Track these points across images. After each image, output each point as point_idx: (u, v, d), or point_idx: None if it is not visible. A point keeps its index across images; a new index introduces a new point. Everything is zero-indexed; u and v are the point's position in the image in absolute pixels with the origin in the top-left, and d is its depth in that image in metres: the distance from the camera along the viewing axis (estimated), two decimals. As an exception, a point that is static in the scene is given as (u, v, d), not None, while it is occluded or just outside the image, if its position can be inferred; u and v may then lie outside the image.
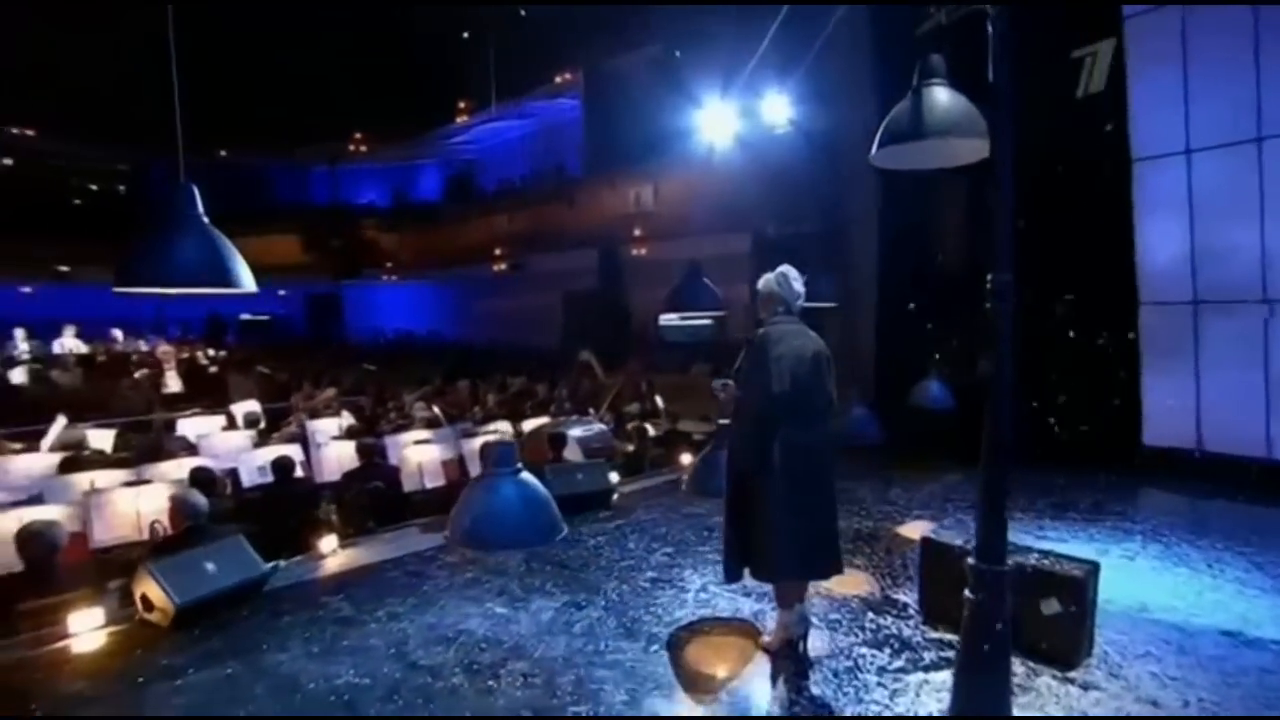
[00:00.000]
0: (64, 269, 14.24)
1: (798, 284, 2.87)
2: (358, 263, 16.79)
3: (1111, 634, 2.99)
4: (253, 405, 7.85)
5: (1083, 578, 2.67)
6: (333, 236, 16.63)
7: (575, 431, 6.30)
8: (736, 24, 8.96)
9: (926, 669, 2.73)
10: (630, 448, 6.67)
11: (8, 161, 15.14)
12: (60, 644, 2.99)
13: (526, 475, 2.42)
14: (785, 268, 2.89)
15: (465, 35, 12.39)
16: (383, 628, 3.15)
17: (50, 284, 13.98)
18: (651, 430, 7.47)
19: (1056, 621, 2.73)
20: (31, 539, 3.33)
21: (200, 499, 3.95)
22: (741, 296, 10.20)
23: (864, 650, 2.90)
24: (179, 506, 3.84)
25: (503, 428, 7.08)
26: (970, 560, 2.15)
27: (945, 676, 2.57)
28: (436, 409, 8.16)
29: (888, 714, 2.44)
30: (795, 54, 8.35)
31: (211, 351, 13.73)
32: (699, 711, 2.49)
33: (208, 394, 9.66)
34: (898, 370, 7.29)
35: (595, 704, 2.51)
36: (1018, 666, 2.66)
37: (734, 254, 9.87)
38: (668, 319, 11.68)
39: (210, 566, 3.36)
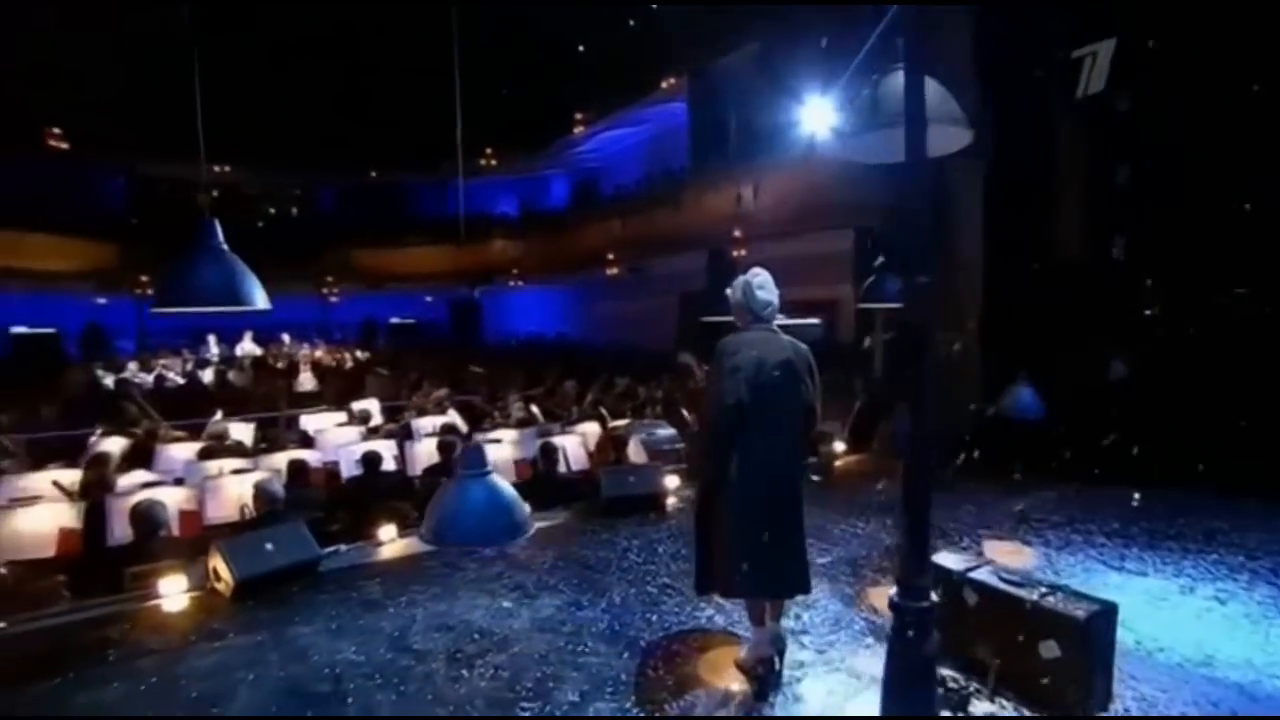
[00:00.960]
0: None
1: (763, 292, 2.78)
2: (489, 270, 17.99)
3: (1149, 686, 2.62)
4: (370, 403, 8.68)
5: (1083, 621, 2.35)
6: (468, 246, 17.95)
7: (640, 434, 6.39)
8: (835, 15, 8.62)
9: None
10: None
11: (214, 194, 17.89)
12: (149, 603, 3.56)
13: (495, 478, 2.54)
14: (749, 275, 2.82)
15: (580, 49, 12.84)
16: (398, 613, 3.43)
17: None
18: None
19: (1059, 664, 2.43)
20: (139, 516, 3.99)
21: (277, 488, 4.52)
22: (847, 296, 9.80)
23: (833, 673, 2.75)
24: (259, 493, 4.41)
25: (589, 429, 7.31)
26: (895, 597, 1.98)
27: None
28: (535, 409, 8.59)
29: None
30: (893, 42, 7.93)
31: (360, 353, 15.32)
32: (639, 714, 2.50)
33: (349, 392, 10.82)
34: (1006, 376, 6.68)
35: (545, 701, 2.60)
36: (1012, 710, 2.43)
37: (837, 252, 9.49)
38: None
39: (269, 547, 3.84)
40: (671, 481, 5.46)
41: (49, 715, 2.62)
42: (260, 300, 2.99)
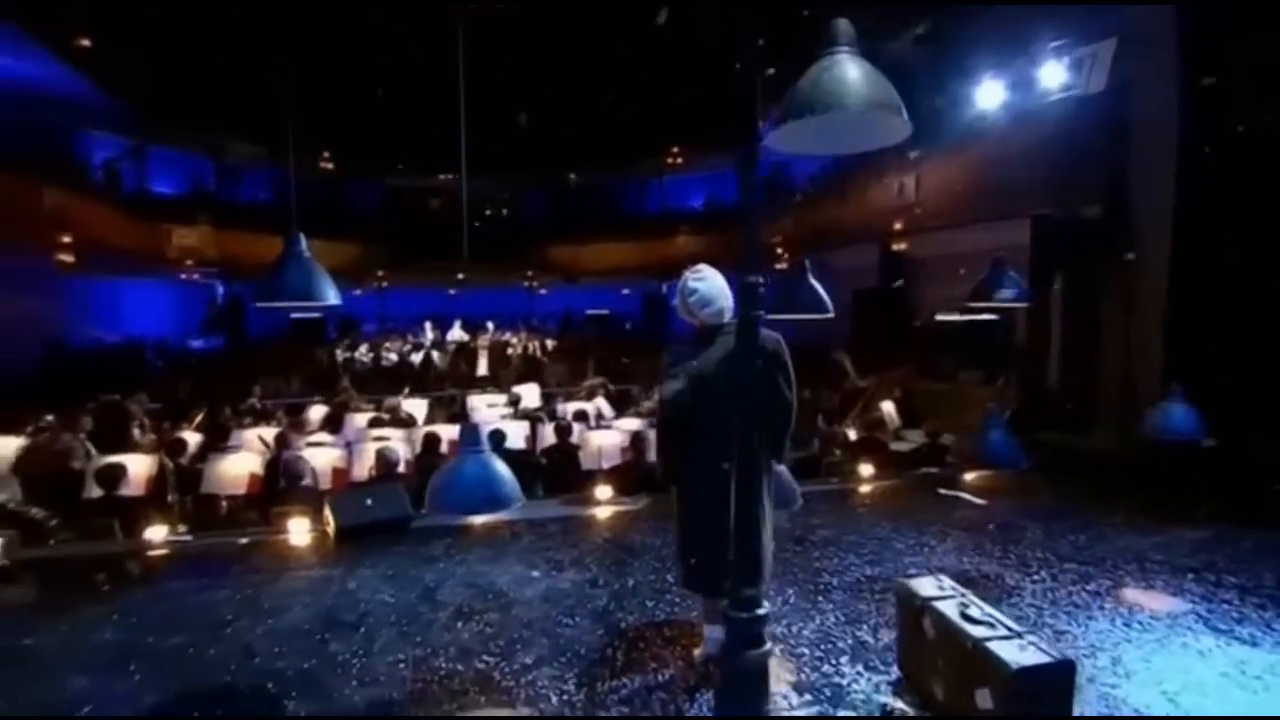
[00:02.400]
0: (460, 276, 19.01)
1: (695, 296, 2.74)
2: (673, 264, 18.57)
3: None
4: (529, 387, 9.60)
5: (1012, 672, 2.07)
6: (655, 241, 18.71)
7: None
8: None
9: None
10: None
11: (435, 202, 20.69)
12: (277, 536, 4.49)
13: (487, 455, 2.87)
14: (688, 274, 2.80)
15: (760, 43, 12.75)
16: (445, 569, 3.94)
17: (450, 288, 18.76)
18: (852, 435, 7.07)
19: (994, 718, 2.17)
20: (286, 468, 5.00)
21: (396, 454, 5.34)
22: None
23: (778, 689, 2.68)
24: (380, 458, 5.26)
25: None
26: (726, 608, 1.95)
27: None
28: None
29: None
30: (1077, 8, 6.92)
31: (550, 341, 16.80)
32: (569, 686, 2.68)
33: (525, 376, 12.00)
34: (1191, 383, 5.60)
35: (503, 659, 2.89)
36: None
37: (1009, 244, 8.47)
38: (944, 318, 10.53)
39: (369, 503, 4.60)
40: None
41: (192, 601, 3.49)
42: (332, 297, 3.63)
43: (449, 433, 6.78)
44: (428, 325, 16.79)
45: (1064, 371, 7.70)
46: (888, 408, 7.59)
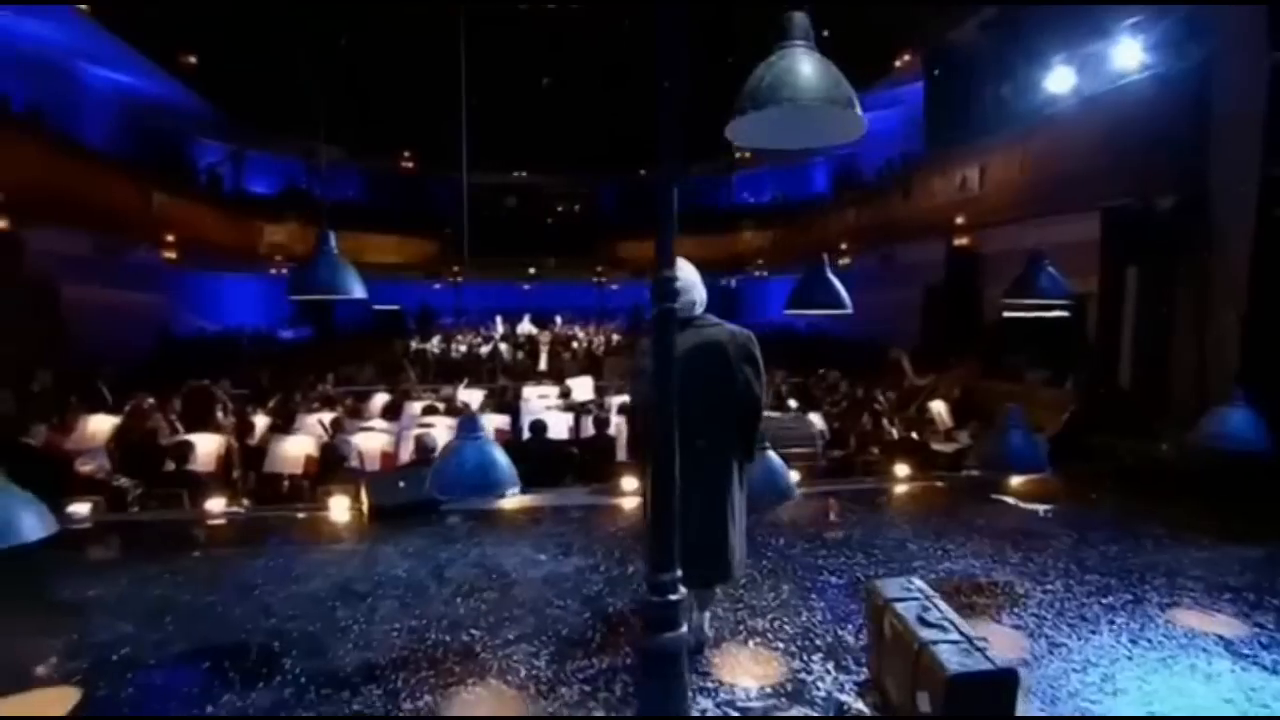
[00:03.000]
0: (532, 271, 19.58)
1: (695, 276, 2.80)
2: (738, 259, 18.45)
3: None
4: (581, 380, 9.82)
5: (948, 678, 2.03)
6: (722, 237, 18.63)
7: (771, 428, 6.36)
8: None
9: None
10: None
11: (512, 200, 21.34)
12: (318, 513, 4.86)
13: (484, 441, 3.03)
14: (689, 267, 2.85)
15: (825, 34, 12.49)
16: (462, 549, 4.16)
17: (523, 283, 19.36)
18: (895, 434, 6.90)
19: (935, 720, 2.14)
20: (328, 451, 5.39)
21: (432, 440, 5.63)
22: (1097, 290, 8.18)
23: (741, 681, 2.72)
24: (418, 443, 5.58)
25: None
26: (644, 594, 2.01)
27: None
28: None
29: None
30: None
31: (616, 336, 17.06)
32: (540, 662, 2.82)
33: (583, 370, 12.27)
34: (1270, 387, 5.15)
35: (488, 633, 3.06)
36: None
37: (1079, 240, 7.99)
38: (1011, 314, 10.02)
39: (401, 485, 4.90)
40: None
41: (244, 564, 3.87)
42: (357, 291, 3.89)
43: (497, 421, 7.08)
44: (498, 319, 17.40)
45: (1135, 372, 7.20)
46: (938, 407, 7.34)
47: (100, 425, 6.01)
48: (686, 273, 2.83)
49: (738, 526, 2.79)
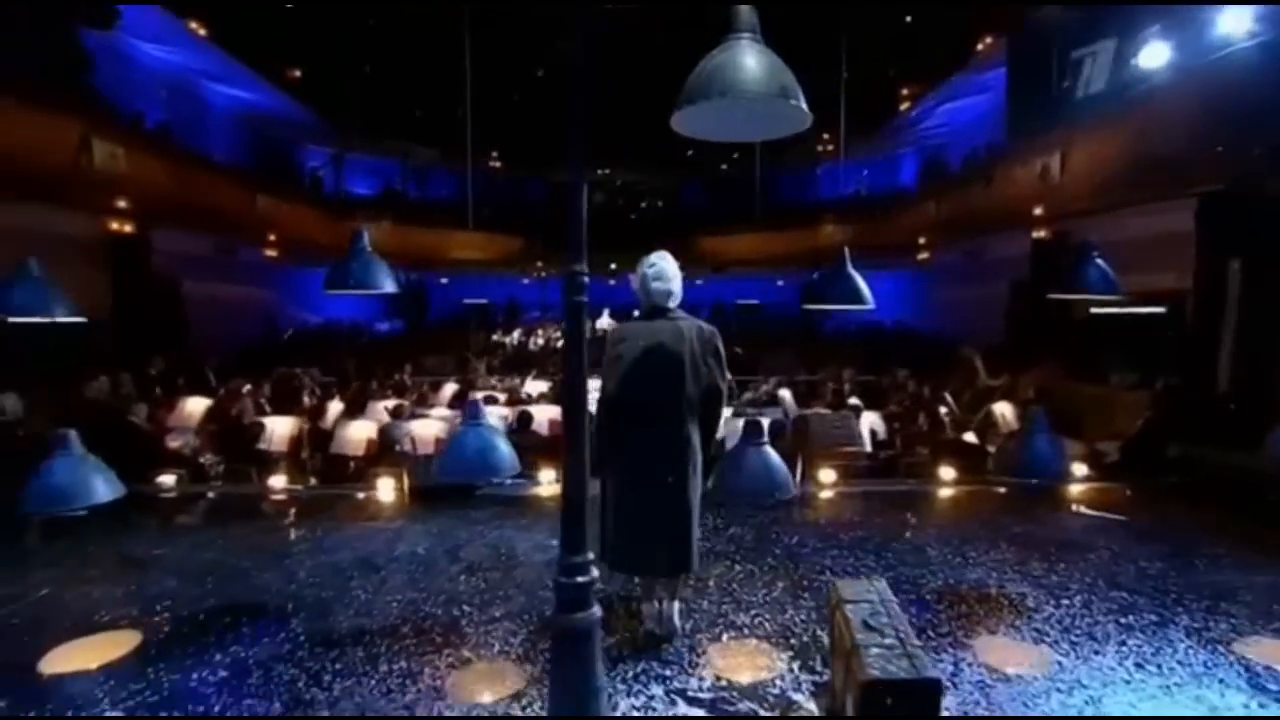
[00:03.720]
0: (613, 266, 19.87)
1: (658, 282, 2.86)
2: (819, 255, 17.93)
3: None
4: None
5: (864, 683, 1.99)
6: (804, 231, 18.22)
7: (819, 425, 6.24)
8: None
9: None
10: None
11: (600, 198, 21.77)
12: (367, 492, 5.25)
13: (485, 428, 3.21)
14: (647, 263, 2.90)
15: (908, 19, 12.01)
16: (482, 530, 4.39)
17: (605, 278, 19.66)
18: (969, 437, 6.58)
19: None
20: (382, 435, 5.79)
21: (475, 427, 5.93)
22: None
23: (699, 672, 2.76)
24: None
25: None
26: (556, 575, 2.10)
27: None
28: (783, 392, 8.85)
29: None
30: None
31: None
32: (515, 639, 2.96)
33: None
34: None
35: (477, 610, 3.24)
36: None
37: (1172, 231, 7.29)
38: (1098, 311, 9.28)
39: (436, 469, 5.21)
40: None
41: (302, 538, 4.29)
42: (388, 286, 4.16)
43: (550, 412, 7.31)
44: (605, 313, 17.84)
45: (1235, 375, 6.52)
46: (1001, 409, 6.92)
47: (196, 406, 6.72)
48: (667, 265, 2.88)
49: (697, 518, 2.82)
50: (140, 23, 9.83)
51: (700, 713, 2.46)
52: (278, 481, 5.43)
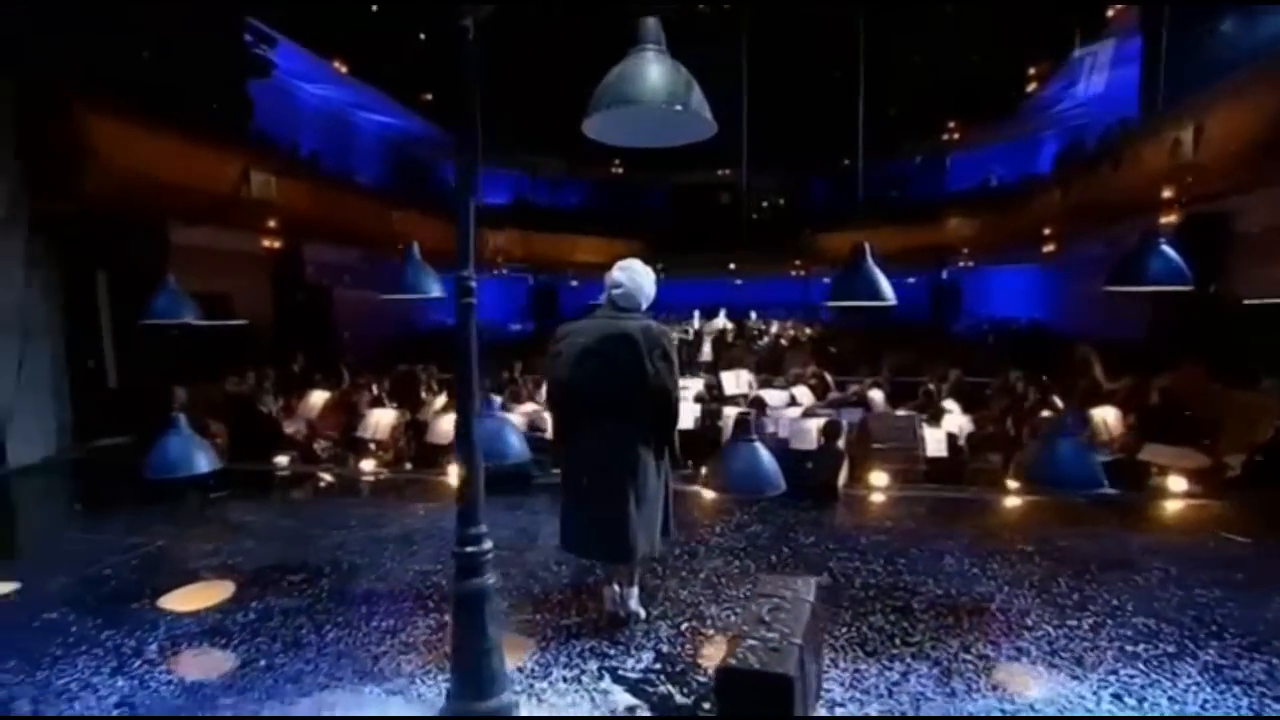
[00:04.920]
0: (732, 266, 19.84)
1: (614, 275, 3.00)
2: (943, 250, 16.80)
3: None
4: (735, 374, 9.94)
5: (717, 671, 2.06)
6: (927, 226, 17.17)
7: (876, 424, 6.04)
8: None
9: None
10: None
11: (726, 198, 21.85)
12: (438, 477, 5.83)
13: (497, 420, 3.53)
14: (617, 267, 3.04)
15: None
16: (521, 515, 4.75)
17: (735, 279, 19.75)
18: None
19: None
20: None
21: (540, 421, 6.36)
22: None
23: (640, 655, 2.89)
24: (527, 422, 6.33)
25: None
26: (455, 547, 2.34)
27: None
28: (874, 393, 8.56)
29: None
30: None
31: (809, 330, 16.69)
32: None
33: (772, 364, 12.25)
34: None
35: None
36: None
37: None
38: (1251, 302, 8.00)
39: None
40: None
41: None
42: (435, 290, 4.68)
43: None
44: (696, 313, 17.99)
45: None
46: (1104, 414, 6.24)
47: (319, 398, 7.74)
48: (635, 270, 3.01)
49: (646, 509, 2.94)
50: (298, 66, 11.41)
51: (619, 689, 2.61)
52: (367, 465, 6.17)
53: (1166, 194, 7.62)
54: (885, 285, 4.35)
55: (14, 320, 6.21)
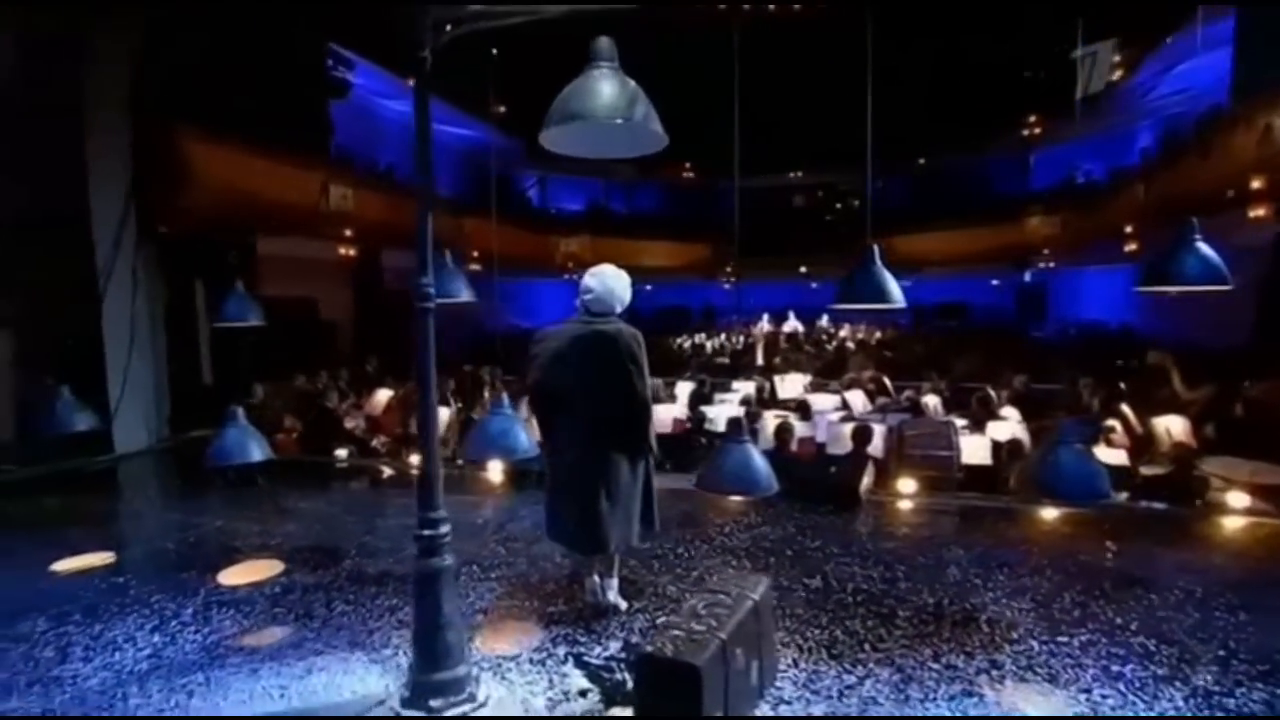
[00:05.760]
0: (803, 270, 19.49)
1: (586, 281, 3.12)
2: (1022, 251, 15.87)
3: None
4: (789, 378, 9.86)
5: (636, 657, 2.16)
6: (1007, 225, 16.30)
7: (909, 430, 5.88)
8: None
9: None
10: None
11: (799, 200, 21.56)
12: (483, 473, 6.14)
13: (506, 416, 3.74)
14: (590, 273, 3.17)
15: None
16: (536, 509, 4.92)
17: (801, 281, 19.42)
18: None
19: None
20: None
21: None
22: None
23: (602, 639, 3.02)
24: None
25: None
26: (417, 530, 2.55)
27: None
28: (928, 398, 8.31)
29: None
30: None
31: (878, 334, 16.20)
32: (487, 593, 3.48)
33: (836, 368, 12.04)
34: None
35: (477, 567, 3.82)
36: None
37: None
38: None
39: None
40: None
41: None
42: (464, 295, 4.96)
43: (676, 411, 7.69)
44: (764, 316, 17.85)
45: None
46: (1168, 424, 5.81)
47: (383, 396, 8.29)
48: (603, 277, 3.14)
49: (619, 505, 3.06)
50: (378, 85, 12.22)
51: (579, 674, 2.75)
52: (415, 459, 6.57)
53: (1256, 184, 6.96)
54: (894, 288, 4.29)
55: (124, 326, 7.04)
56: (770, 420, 6.59)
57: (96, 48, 6.68)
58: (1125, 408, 7.11)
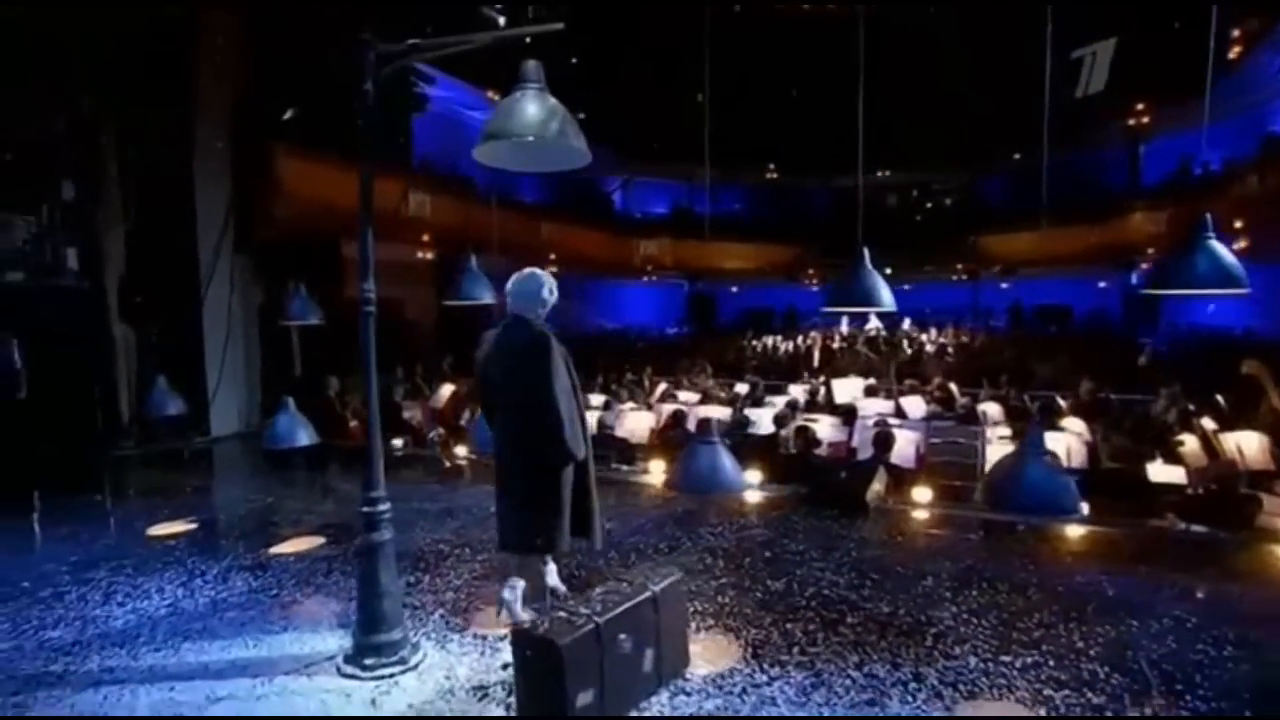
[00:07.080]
0: (888, 271, 18.75)
1: (510, 282, 3.19)
2: (1126, 250, 14.44)
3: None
4: (846, 381, 9.63)
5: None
6: (1109, 223, 14.96)
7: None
8: None
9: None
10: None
11: (892, 200, 20.80)
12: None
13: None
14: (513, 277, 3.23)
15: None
16: (550, 502, 5.26)
17: (896, 285, 18.73)
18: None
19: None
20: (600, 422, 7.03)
21: (609, 421, 6.80)
22: None
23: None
24: (598, 421, 6.81)
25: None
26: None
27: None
28: (986, 405, 7.93)
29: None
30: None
31: (965, 338, 15.38)
32: (480, 570, 3.77)
33: (911, 371, 11.58)
34: None
35: (483, 550, 4.13)
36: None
37: None
38: None
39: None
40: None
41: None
42: (486, 297, 5.35)
43: (702, 412, 7.80)
44: (844, 319, 17.36)
45: None
46: (1238, 440, 5.27)
47: (445, 391, 8.89)
48: (521, 274, 3.23)
49: (533, 507, 2.99)
50: (461, 96, 13.03)
51: (509, 650, 2.96)
52: (460, 450, 7.05)
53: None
54: (884, 291, 4.29)
55: (221, 324, 7.99)
56: (793, 424, 6.55)
57: (201, 77, 7.65)
58: (1207, 421, 6.48)
